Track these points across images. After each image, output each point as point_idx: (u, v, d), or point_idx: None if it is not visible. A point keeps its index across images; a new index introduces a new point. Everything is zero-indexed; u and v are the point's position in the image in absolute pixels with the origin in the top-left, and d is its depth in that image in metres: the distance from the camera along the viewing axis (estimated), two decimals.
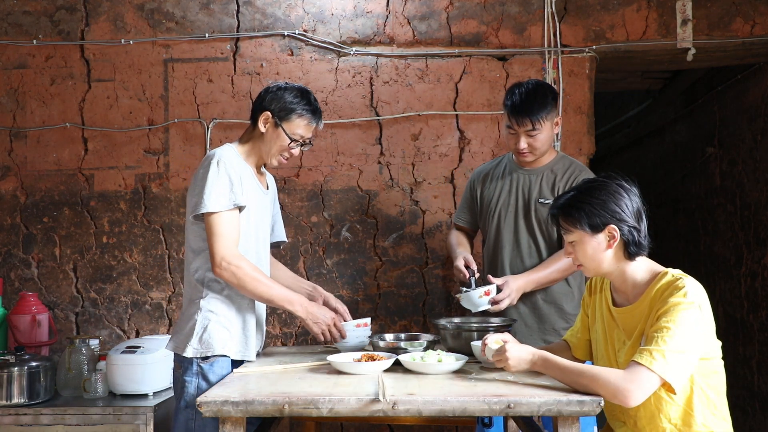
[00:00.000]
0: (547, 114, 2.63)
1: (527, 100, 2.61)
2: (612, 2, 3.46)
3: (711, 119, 4.55)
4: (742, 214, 4.13)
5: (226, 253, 2.19)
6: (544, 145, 2.67)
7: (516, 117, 2.63)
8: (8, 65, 3.57)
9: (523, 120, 2.61)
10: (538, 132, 2.62)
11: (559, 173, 2.72)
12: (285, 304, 2.28)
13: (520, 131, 2.64)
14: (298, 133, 2.36)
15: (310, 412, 1.76)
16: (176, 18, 3.55)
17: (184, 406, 2.23)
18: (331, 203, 3.50)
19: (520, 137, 2.64)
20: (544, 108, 2.61)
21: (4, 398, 2.88)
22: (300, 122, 2.36)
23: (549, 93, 2.67)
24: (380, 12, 3.52)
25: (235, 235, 2.24)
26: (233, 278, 2.20)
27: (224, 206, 2.21)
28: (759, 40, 3.42)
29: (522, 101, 2.62)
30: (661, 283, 1.90)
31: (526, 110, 2.60)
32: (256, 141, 2.38)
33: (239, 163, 2.33)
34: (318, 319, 2.30)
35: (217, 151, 2.30)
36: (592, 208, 1.94)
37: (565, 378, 1.84)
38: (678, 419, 1.88)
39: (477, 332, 2.33)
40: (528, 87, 2.65)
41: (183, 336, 2.28)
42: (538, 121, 2.60)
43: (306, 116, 2.36)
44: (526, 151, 2.66)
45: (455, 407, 1.74)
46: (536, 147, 2.65)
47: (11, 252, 3.53)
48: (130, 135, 3.53)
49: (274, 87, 2.38)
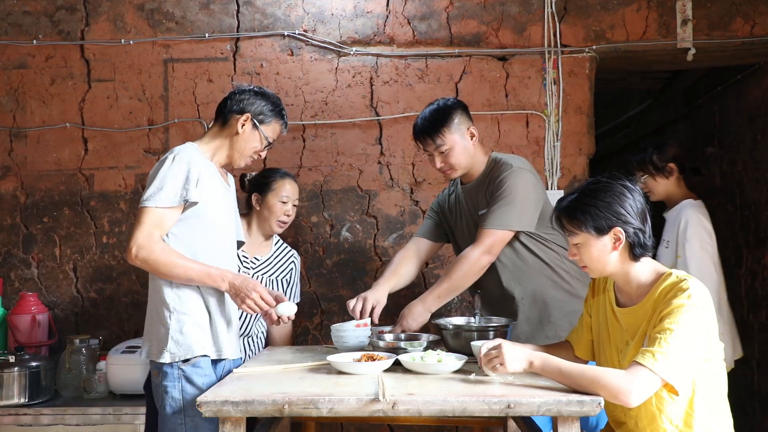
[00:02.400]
0: (449, 128, 2.58)
1: (422, 122, 2.62)
2: (612, 2, 3.46)
3: (711, 119, 4.55)
4: (742, 214, 4.13)
5: (140, 241, 2.16)
6: (461, 159, 2.62)
7: (418, 140, 2.65)
8: (8, 65, 3.57)
9: (424, 140, 2.61)
10: (446, 147, 2.58)
11: (487, 177, 2.65)
12: (206, 279, 2.22)
13: (431, 151, 2.63)
14: (272, 137, 2.42)
15: (310, 412, 1.76)
16: (176, 18, 3.55)
17: (171, 413, 2.18)
18: (331, 203, 3.50)
19: (434, 157, 2.63)
20: (442, 124, 2.58)
21: (4, 398, 2.88)
22: (276, 127, 2.43)
23: (450, 107, 2.62)
24: (380, 12, 3.52)
25: (160, 230, 2.20)
26: (146, 264, 2.17)
27: (165, 203, 2.19)
28: (759, 40, 3.42)
29: (418, 124, 2.63)
30: (665, 284, 1.90)
31: (422, 131, 2.61)
32: (226, 140, 2.38)
33: (200, 160, 2.30)
34: (240, 291, 2.22)
35: (177, 147, 2.31)
36: (597, 211, 1.93)
37: (565, 379, 1.84)
38: (679, 420, 1.88)
39: (477, 332, 2.33)
40: (426, 109, 2.65)
41: (157, 341, 2.24)
42: (438, 137, 2.57)
43: (281, 122, 2.43)
44: (445, 168, 2.64)
45: (455, 407, 1.74)
46: (452, 163, 2.62)
47: (11, 252, 3.53)
48: (130, 135, 3.53)
49: (248, 90, 2.40)
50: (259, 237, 3.00)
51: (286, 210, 2.95)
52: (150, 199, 2.19)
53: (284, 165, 3.48)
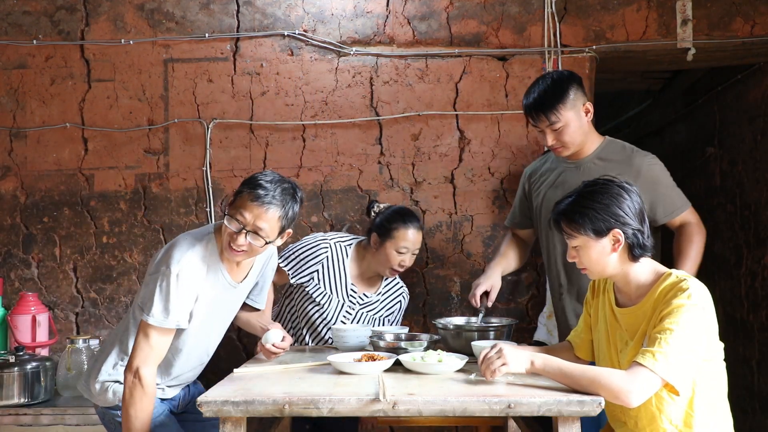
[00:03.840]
0: (564, 104, 2.47)
1: (537, 96, 2.51)
2: (612, 2, 3.46)
3: (711, 119, 4.55)
4: (742, 214, 4.13)
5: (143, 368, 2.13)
6: (575, 137, 2.52)
7: (529, 115, 2.55)
8: (8, 65, 3.57)
9: (537, 116, 2.51)
10: (560, 125, 2.48)
11: (612, 160, 2.55)
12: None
13: (543, 127, 2.53)
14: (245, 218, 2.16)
15: (310, 412, 1.76)
16: (176, 18, 3.55)
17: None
18: (331, 203, 3.50)
19: (545, 134, 2.53)
20: (557, 99, 2.47)
21: (4, 398, 2.88)
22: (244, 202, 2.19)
23: (565, 82, 2.51)
24: (380, 12, 3.52)
25: (161, 352, 2.19)
26: (127, 391, 2.13)
27: (166, 323, 2.16)
28: (759, 40, 3.42)
29: (533, 98, 2.52)
30: (664, 284, 1.90)
31: (535, 106, 2.51)
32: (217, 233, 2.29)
33: (200, 270, 2.22)
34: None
35: (178, 259, 2.17)
36: (595, 213, 1.93)
37: (566, 379, 1.84)
38: (679, 420, 1.88)
39: (477, 332, 2.33)
40: (540, 82, 2.54)
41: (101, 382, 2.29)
42: (553, 113, 2.47)
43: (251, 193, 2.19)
44: (557, 146, 2.54)
45: (455, 407, 1.74)
46: (565, 141, 2.52)
47: (11, 252, 3.53)
48: (130, 135, 3.53)
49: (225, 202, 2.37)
50: (373, 278, 2.92)
51: (402, 260, 2.80)
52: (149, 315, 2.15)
53: (284, 165, 3.48)
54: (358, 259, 2.89)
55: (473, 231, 3.46)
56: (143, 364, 2.13)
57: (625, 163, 2.55)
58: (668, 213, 2.58)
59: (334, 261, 2.84)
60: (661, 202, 2.55)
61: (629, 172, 2.47)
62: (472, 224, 3.47)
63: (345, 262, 2.85)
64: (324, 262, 2.83)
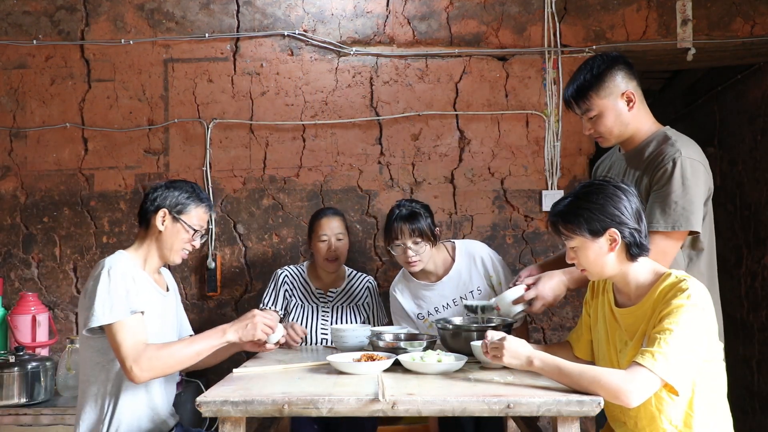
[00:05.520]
0: (597, 92, 2.26)
1: (572, 83, 2.32)
2: (612, 2, 3.46)
3: (711, 119, 4.55)
4: (742, 214, 4.13)
5: (133, 356, 2.11)
6: (612, 128, 2.29)
7: (566, 102, 2.38)
8: (8, 65, 3.57)
9: (569, 104, 2.35)
10: (593, 113, 2.28)
11: (648, 154, 2.31)
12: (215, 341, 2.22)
13: (579, 116, 2.34)
14: (197, 223, 2.36)
15: (309, 412, 1.76)
16: (176, 18, 3.55)
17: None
18: (331, 203, 3.49)
19: (583, 122, 2.34)
20: (589, 87, 2.26)
21: (4, 398, 2.88)
22: (199, 212, 2.37)
23: (604, 66, 2.28)
24: (380, 12, 3.52)
25: (140, 336, 2.16)
26: (153, 371, 2.13)
27: (121, 315, 2.14)
28: (759, 40, 3.42)
29: (570, 84, 2.33)
30: (664, 284, 1.90)
31: (569, 93, 2.32)
32: (153, 242, 2.34)
33: (133, 270, 2.26)
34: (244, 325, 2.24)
35: (107, 260, 2.24)
36: (591, 214, 1.92)
37: (565, 378, 1.83)
38: (679, 420, 1.88)
39: (477, 332, 2.32)
40: (583, 66, 2.32)
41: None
42: (584, 102, 2.27)
43: (202, 206, 2.38)
44: (594, 135, 2.36)
45: (455, 407, 1.74)
46: (601, 131, 2.30)
47: (11, 252, 3.53)
48: (130, 135, 3.53)
49: (159, 186, 2.37)
50: (327, 275, 3.07)
51: (328, 247, 2.98)
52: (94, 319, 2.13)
53: (284, 165, 3.49)
54: (312, 271, 3.10)
55: (473, 231, 3.46)
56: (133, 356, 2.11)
57: (658, 156, 2.29)
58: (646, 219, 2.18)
59: (295, 277, 3.09)
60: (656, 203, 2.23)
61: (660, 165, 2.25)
62: (472, 224, 3.47)
63: (303, 274, 3.10)
64: (288, 280, 3.07)
